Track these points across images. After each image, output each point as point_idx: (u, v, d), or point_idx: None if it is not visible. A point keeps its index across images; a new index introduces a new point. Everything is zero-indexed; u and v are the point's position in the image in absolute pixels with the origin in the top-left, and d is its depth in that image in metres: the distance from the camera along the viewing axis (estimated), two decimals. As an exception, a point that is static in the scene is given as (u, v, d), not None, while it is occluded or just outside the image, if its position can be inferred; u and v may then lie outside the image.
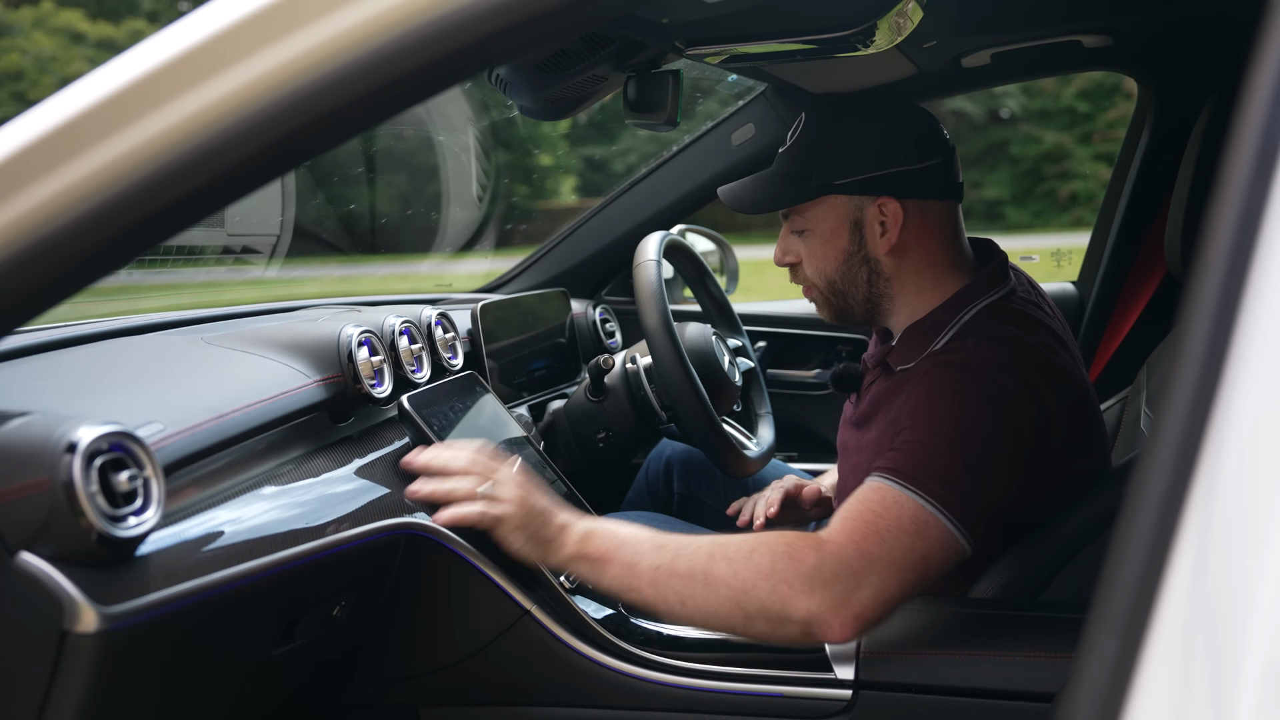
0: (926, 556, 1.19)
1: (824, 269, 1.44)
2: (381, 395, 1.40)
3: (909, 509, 1.20)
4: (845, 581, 1.16)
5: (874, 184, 1.39)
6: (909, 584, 1.19)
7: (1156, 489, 0.51)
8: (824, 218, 1.42)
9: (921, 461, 1.22)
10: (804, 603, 1.16)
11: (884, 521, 1.20)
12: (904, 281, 1.42)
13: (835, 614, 1.15)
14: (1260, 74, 0.52)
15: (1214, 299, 0.51)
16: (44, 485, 0.82)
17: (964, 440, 1.23)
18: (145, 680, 0.94)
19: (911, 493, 1.21)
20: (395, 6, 0.72)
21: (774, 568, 1.17)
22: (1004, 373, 1.27)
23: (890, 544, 1.18)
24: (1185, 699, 0.49)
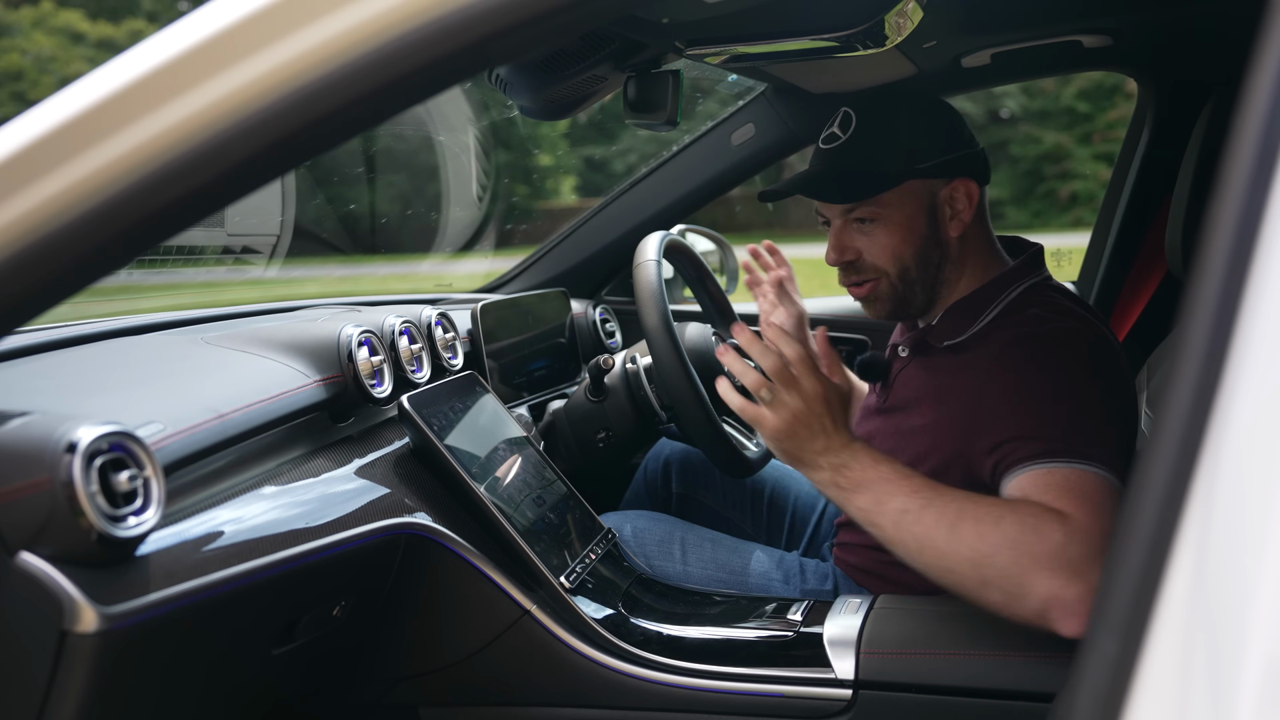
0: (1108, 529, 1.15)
1: (900, 255, 1.44)
2: (381, 395, 1.40)
3: (1090, 480, 1.18)
4: (1090, 566, 1.11)
5: (950, 166, 1.43)
6: None
7: (1156, 489, 0.51)
8: (902, 205, 1.43)
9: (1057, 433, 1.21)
10: (1044, 582, 1.11)
11: (1096, 498, 1.16)
12: (963, 264, 1.47)
13: (1083, 602, 1.10)
14: (1260, 74, 0.52)
15: (1214, 299, 0.51)
16: (44, 485, 0.82)
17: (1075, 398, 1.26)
18: (145, 680, 0.94)
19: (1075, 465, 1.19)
20: (395, 6, 0.72)
21: (1021, 539, 1.13)
22: (1070, 336, 1.32)
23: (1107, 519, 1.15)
24: (1185, 699, 0.49)
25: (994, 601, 1.16)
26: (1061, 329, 1.33)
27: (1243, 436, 0.49)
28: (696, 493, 1.89)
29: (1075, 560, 1.11)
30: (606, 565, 1.45)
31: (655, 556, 1.59)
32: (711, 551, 1.60)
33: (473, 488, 1.32)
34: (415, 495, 1.27)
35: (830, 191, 1.47)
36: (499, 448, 1.47)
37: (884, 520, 1.20)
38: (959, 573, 1.16)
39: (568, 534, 1.45)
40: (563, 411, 1.82)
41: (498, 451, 1.45)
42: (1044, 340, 1.32)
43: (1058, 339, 1.32)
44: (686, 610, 1.40)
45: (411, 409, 1.32)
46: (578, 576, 1.36)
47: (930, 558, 1.18)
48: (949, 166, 1.43)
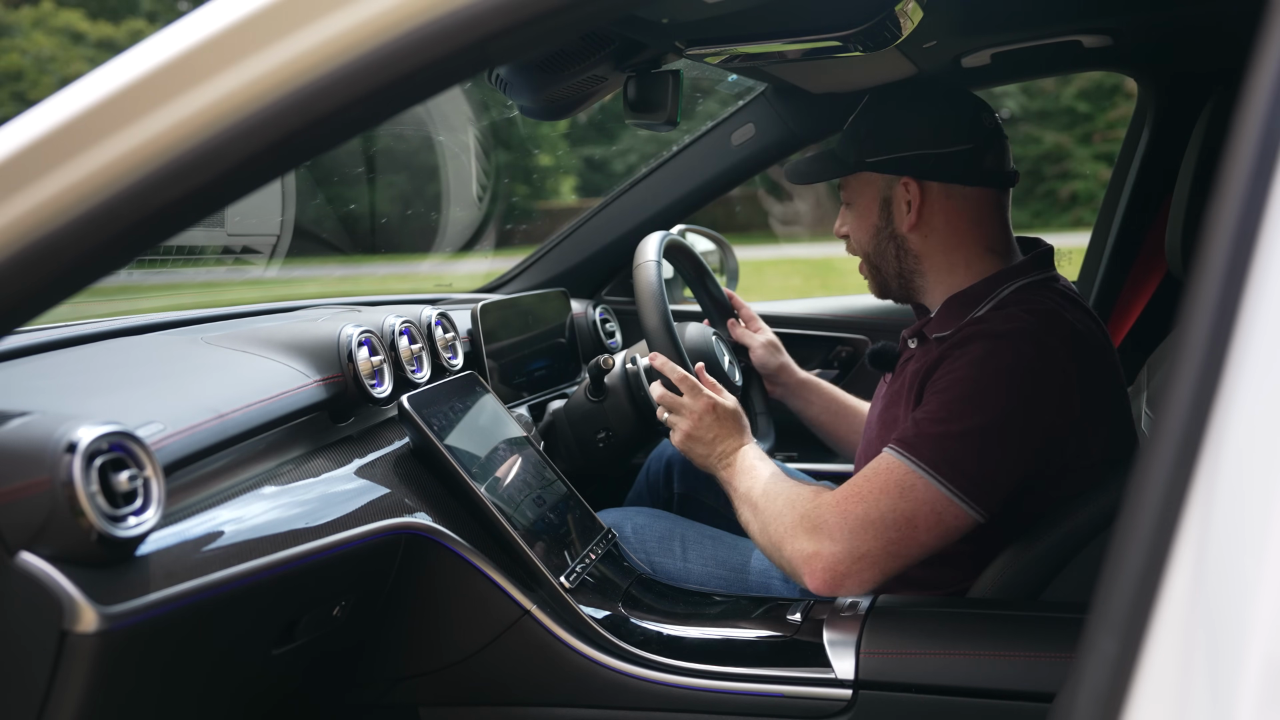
0: (911, 518, 1.28)
1: (861, 241, 1.54)
2: (381, 395, 1.40)
3: (897, 473, 1.30)
4: (820, 534, 1.30)
5: (899, 164, 1.47)
6: (890, 543, 1.28)
7: (1156, 489, 0.51)
8: (860, 193, 1.52)
9: (922, 431, 1.30)
10: (790, 545, 1.32)
11: (870, 484, 1.30)
12: (933, 260, 1.49)
13: (807, 563, 1.30)
14: (1260, 74, 0.52)
15: (1214, 299, 0.51)
16: (44, 485, 0.82)
17: (971, 408, 1.30)
18: (145, 680, 0.94)
19: (904, 458, 1.30)
20: (395, 6, 0.72)
21: (781, 511, 1.35)
22: (1027, 341, 1.32)
23: (869, 504, 1.29)
24: (1185, 699, 0.49)
25: (775, 559, 1.37)
26: (1021, 329, 1.33)
27: (1243, 436, 0.49)
28: (698, 492, 1.89)
29: (809, 529, 1.30)
30: (606, 565, 1.45)
31: (656, 553, 1.59)
32: (712, 549, 1.60)
33: (473, 488, 1.32)
34: (415, 495, 1.27)
35: (808, 171, 1.59)
36: (499, 448, 1.46)
37: (736, 504, 1.45)
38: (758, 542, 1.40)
39: (568, 534, 1.45)
40: (563, 411, 1.82)
41: (498, 451, 1.45)
42: (999, 339, 1.33)
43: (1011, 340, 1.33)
44: (686, 610, 1.40)
45: (411, 409, 1.32)
46: (578, 576, 1.36)
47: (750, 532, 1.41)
48: (900, 165, 1.47)
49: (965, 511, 1.28)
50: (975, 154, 1.45)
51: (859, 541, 1.28)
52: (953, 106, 1.48)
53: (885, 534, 1.28)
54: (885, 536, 1.28)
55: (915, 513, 1.28)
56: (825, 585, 1.29)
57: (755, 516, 1.39)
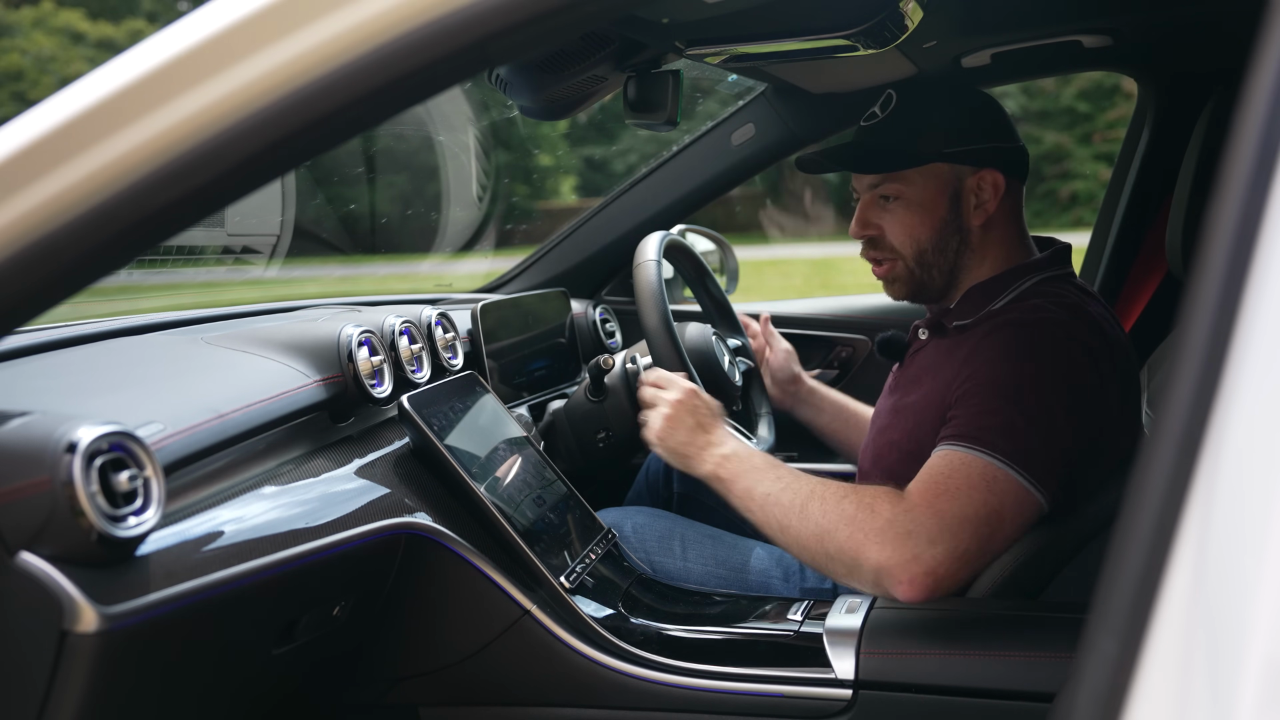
0: (999, 510, 1.25)
1: (917, 236, 1.48)
2: (381, 395, 1.40)
3: (976, 466, 1.26)
4: (917, 538, 1.23)
5: (980, 155, 1.45)
6: (984, 539, 1.25)
7: (1156, 489, 0.51)
8: (924, 185, 1.47)
9: (981, 422, 1.28)
10: (875, 554, 1.24)
11: (954, 481, 1.26)
12: (984, 254, 1.49)
13: (905, 569, 1.23)
14: (1260, 74, 0.52)
15: (1214, 299, 0.51)
16: (44, 485, 0.82)
17: (1021, 395, 1.29)
18: (145, 680, 0.94)
19: (977, 451, 1.27)
20: (395, 7, 0.72)
21: (856, 516, 1.27)
22: (1060, 329, 1.33)
23: (962, 500, 1.25)
24: (1185, 699, 0.49)
25: (838, 573, 1.30)
26: (1051, 320, 1.35)
27: (1243, 436, 0.49)
28: (698, 492, 1.89)
29: (901, 534, 1.24)
30: (606, 565, 1.45)
31: (655, 553, 1.59)
32: (711, 548, 1.60)
33: (473, 488, 1.32)
34: (415, 495, 1.27)
35: (855, 162, 1.52)
36: (499, 448, 1.46)
37: (753, 504, 1.36)
38: (809, 548, 1.30)
39: (568, 534, 1.45)
40: (563, 411, 1.82)
41: (498, 451, 1.45)
42: (1029, 328, 1.35)
43: (1042, 329, 1.34)
44: (686, 610, 1.40)
45: (411, 409, 1.32)
46: (578, 576, 1.36)
47: (791, 537, 1.32)
48: (978, 155, 1.45)
49: (1039, 500, 1.27)
50: (1025, 152, 1.50)
51: (959, 541, 1.23)
52: (999, 107, 1.51)
53: (980, 530, 1.24)
54: (980, 533, 1.24)
55: (1003, 505, 1.25)
56: (926, 590, 1.23)
57: (804, 521, 1.30)
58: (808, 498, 1.32)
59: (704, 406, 1.46)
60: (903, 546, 1.23)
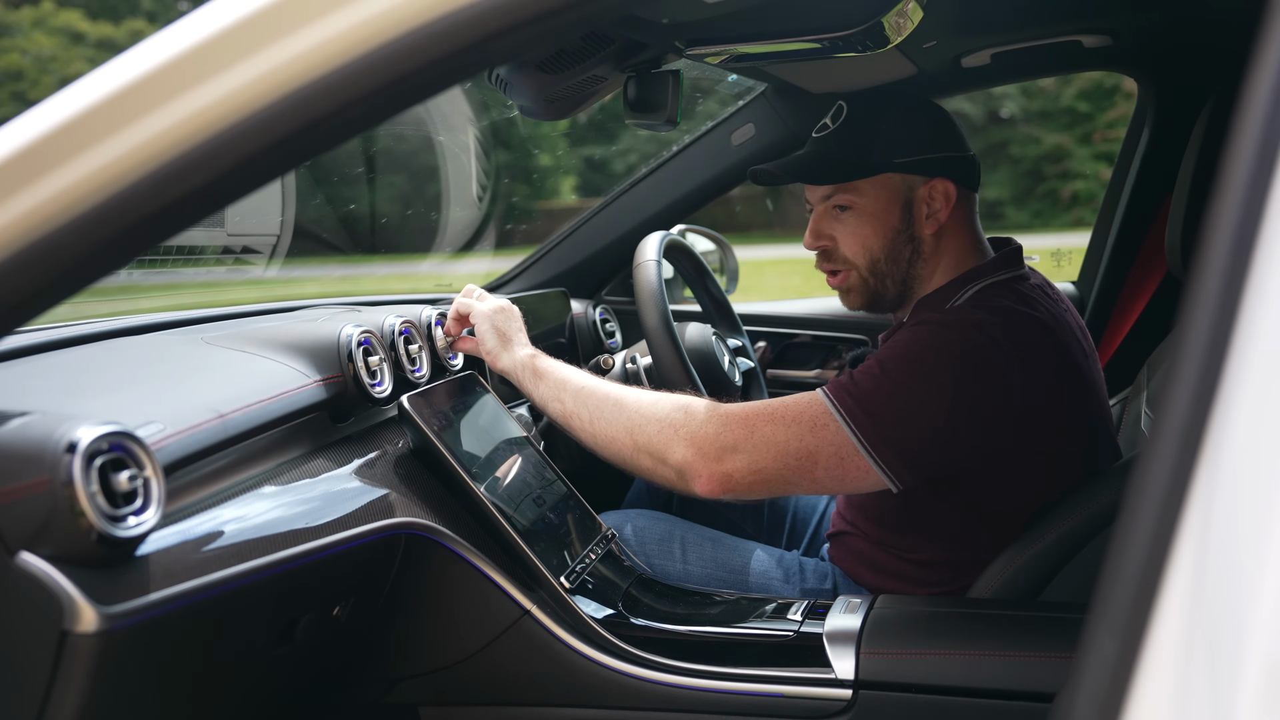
0: (813, 453, 1.30)
1: (870, 246, 1.50)
2: (381, 395, 1.40)
3: (815, 408, 1.32)
4: (723, 443, 1.31)
5: (931, 165, 1.47)
6: (789, 469, 1.30)
7: (1156, 489, 0.51)
8: (876, 196, 1.48)
9: (853, 381, 1.32)
10: (681, 450, 1.32)
11: (786, 410, 1.33)
12: (937, 262, 1.50)
13: (705, 466, 1.31)
14: (1260, 74, 0.52)
15: (1214, 299, 0.51)
16: (44, 485, 0.82)
17: (899, 372, 1.32)
18: (145, 680, 0.94)
19: (826, 399, 1.32)
20: (395, 7, 0.72)
21: (669, 415, 1.35)
22: (974, 332, 1.33)
23: (779, 427, 1.31)
24: (1185, 699, 0.49)
25: (644, 466, 1.36)
26: (967, 321, 1.35)
27: (1243, 436, 0.49)
28: (697, 493, 1.89)
29: (709, 435, 1.31)
30: (606, 565, 1.45)
31: (655, 555, 1.59)
32: (712, 550, 1.60)
33: (473, 488, 1.32)
34: (415, 495, 1.27)
35: (807, 173, 1.53)
36: (499, 448, 1.46)
37: (567, 395, 1.42)
38: (619, 440, 1.37)
39: (568, 534, 1.45)
40: (563, 411, 1.82)
41: (498, 451, 1.45)
42: (940, 324, 1.36)
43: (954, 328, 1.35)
44: (687, 610, 1.40)
45: (411, 409, 1.32)
46: (578, 576, 1.36)
47: (599, 426, 1.39)
48: (929, 165, 1.47)
49: (871, 467, 1.30)
50: (975, 162, 1.51)
51: (759, 458, 1.30)
52: (949, 117, 1.52)
53: (784, 460, 1.30)
54: (784, 462, 1.30)
55: (818, 450, 1.30)
56: (717, 488, 1.31)
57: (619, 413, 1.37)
58: (624, 392, 1.39)
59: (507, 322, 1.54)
60: (707, 447, 1.31)
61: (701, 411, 1.34)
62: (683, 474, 1.33)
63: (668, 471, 1.34)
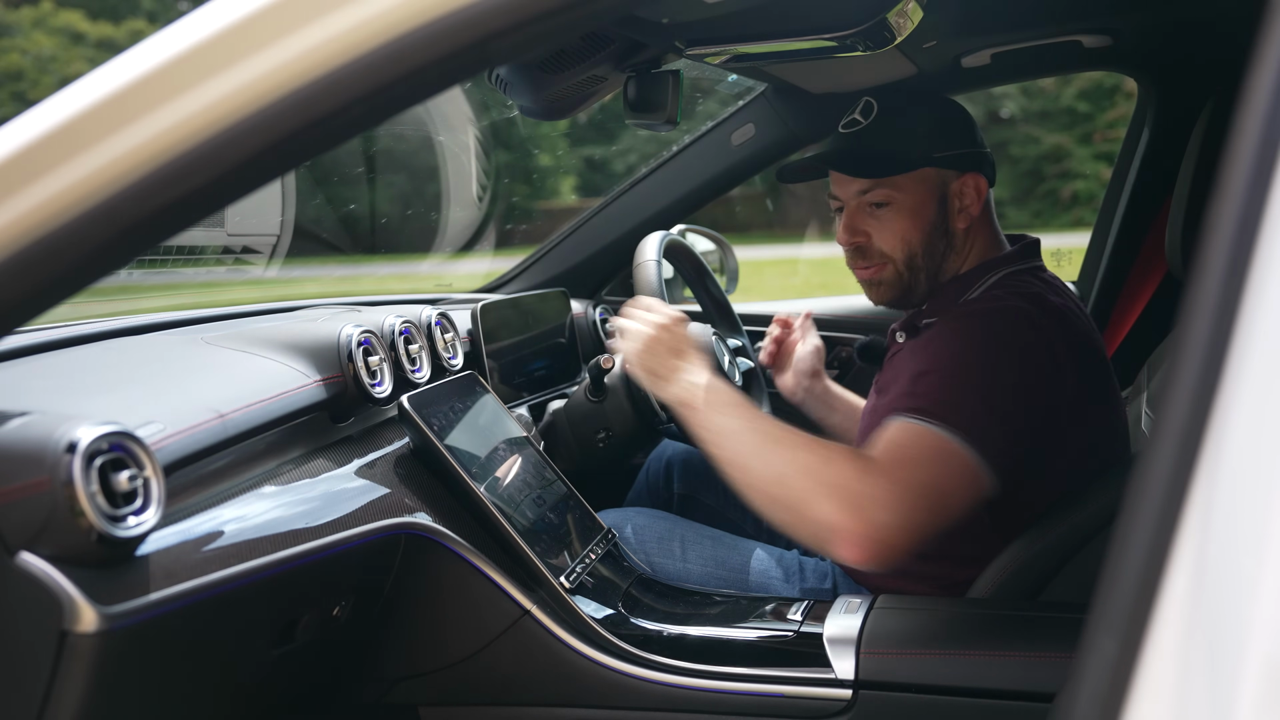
0: (950, 486, 1.24)
1: (909, 241, 1.50)
2: (381, 395, 1.40)
3: (931, 438, 1.25)
4: (873, 503, 1.20)
5: (963, 160, 1.48)
6: (935, 513, 1.23)
7: (1156, 489, 0.51)
8: (915, 190, 1.49)
9: (937, 397, 1.28)
10: (825, 508, 1.21)
11: (911, 451, 1.25)
12: (964, 255, 1.52)
13: (853, 533, 1.19)
14: (1260, 74, 0.52)
15: (1214, 299, 0.51)
16: (44, 485, 0.82)
17: (977, 374, 1.30)
18: (145, 680, 0.94)
19: (933, 424, 1.26)
20: (396, 6, 0.72)
21: (814, 468, 1.24)
22: (1019, 317, 1.34)
23: (919, 472, 1.23)
24: (1185, 699, 0.49)
25: (784, 520, 1.26)
26: (1007, 306, 1.36)
27: (1243, 436, 0.49)
28: (698, 493, 1.89)
29: (860, 496, 1.20)
30: (606, 565, 1.45)
31: (655, 554, 1.59)
32: (711, 549, 1.60)
33: (473, 488, 1.32)
34: (415, 495, 1.27)
35: (851, 167, 1.52)
36: (499, 448, 1.46)
37: (716, 437, 1.32)
38: (762, 490, 1.27)
39: (568, 534, 1.45)
40: (563, 411, 1.82)
41: (498, 451, 1.45)
42: (985, 315, 1.37)
43: (997, 315, 1.36)
44: (686, 610, 1.40)
45: (411, 409, 1.32)
46: (578, 576, 1.36)
47: (746, 475, 1.29)
48: (962, 160, 1.48)
49: (988, 479, 1.26)
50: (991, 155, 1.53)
51: (913, 513, 1.21)
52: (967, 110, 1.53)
53: (933, 504, 1.22)
54: (933, 507, 1.22)
55: (953, 481, 1.24)
56: (871, 557, 1.20)
57: (762, 462, 1.27)
58: (770, 440, 1.28)
59: (685, 335, 1.42)
60: (856, 509, 1.20)
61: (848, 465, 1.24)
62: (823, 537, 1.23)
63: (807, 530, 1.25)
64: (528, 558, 1.31)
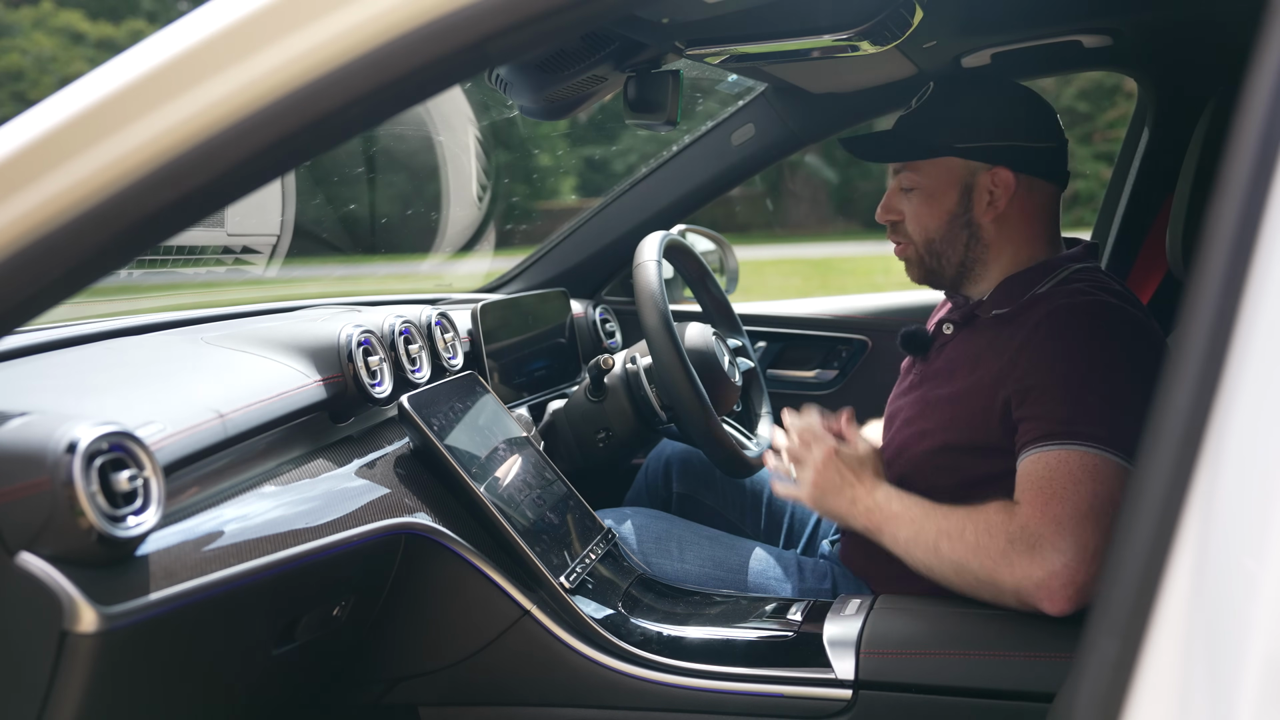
0: (1111, 497, 1.24)
1: (927, 226, 1.51)
2: (381, 395, 1.40)
3: (1074, 460, 1.26)
4: (1043, 550, 1.23)
5: (992, 153, 1.47)
6: (1106, 530, 1.23)
7: (1156, 489, 0.51)
8: (936, 178, 1.50)
9: (1063, 414, 1.29)
10: (1008, 576, 1.25)
11: (1058, 482, 1.25)
12: (1000, 250, 1.50)
13: (1041, 587, 1.23)
14: (1260, 74, 0.52)
15: (1214, 299, 0.51)
16: (44, 485, 0.82)
17: (1093, 377, 1.30)
18: (145, 680, 0.94)
19: (1069, 446, 1.27)
20: (395, 6, 0.72)
21: (979, 543, 1.27)
22: (1110, 308, 1.36)
23: (1074, 499, 1.24)
24: (1185, 699, 0.49)
25: (988, 598, 1.29)
26: (1102, 302, 1.37)
27: (1243, 436, 0.49)
28: (697, 493, 1.89)
29: (1024, 550, 1.24)
30: (606, 565, 1.45)
31: (653, 553, 1.59)
32: (709, 549, 1.60)
33: (473, 488, 1.32)
34: (415, 495, 1.27)
35: (873, 149, 1.57)
36: (499, 448, 1.46)
37: (899, 550, 1.36)
38: (955, 584, 1.31)
39: (568, 534, 1.45)
40: (563, 411, 1.82)
41: (498, 451, 1.45)
42: (1081, 311, 1.36)
43: (1097, 311, 1.36)
44: (686, 610, 1.40)
45: (411, 409, 1.32)
46: (578, 576, 1.36)
47: (935, 575, 1.32)
48: (994, 153, 1.47)
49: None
50: (1058, 152, 1.52)
51: (1085, 540, 1.22)
52: (1038, 104, 1.52)
53: (1100, 523, 1.23)
54: (1101, 525, 1.23)
55: (1112, 491, 1.24)
56: (1070, 600, 1.22)
57: (942, 561, 1.30)
58: (936, 536, 1.31)
59: (847, 461, 1.44)
60: (1032, 563, 1.23)
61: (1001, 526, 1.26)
62: (1023, 601, 1.25)
63: (1008, 599, 1.27)
64: (527, 558, 1.31)
